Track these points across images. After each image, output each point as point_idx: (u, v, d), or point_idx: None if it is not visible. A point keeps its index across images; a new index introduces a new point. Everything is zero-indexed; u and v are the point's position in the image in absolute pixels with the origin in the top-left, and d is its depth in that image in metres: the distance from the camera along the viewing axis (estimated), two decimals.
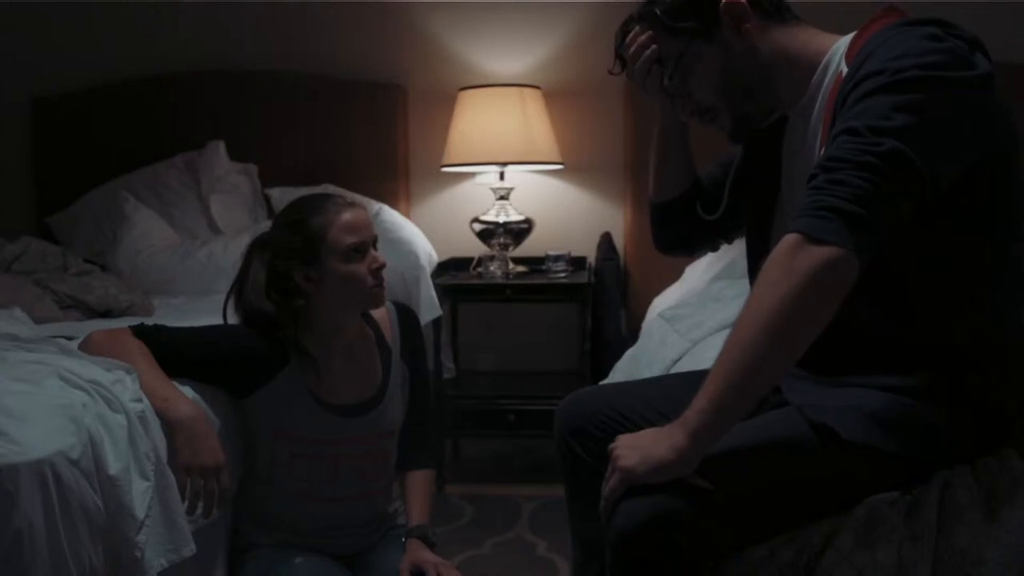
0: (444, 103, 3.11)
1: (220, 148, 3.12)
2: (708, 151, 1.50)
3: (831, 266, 0.96)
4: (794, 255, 0.97)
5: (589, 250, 3.12)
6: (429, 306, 2.78)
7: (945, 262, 1.09)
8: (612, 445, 1.08)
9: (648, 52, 1.29)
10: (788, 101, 1.26)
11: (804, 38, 1.24)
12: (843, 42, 1.19)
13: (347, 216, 1.56)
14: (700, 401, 1.01)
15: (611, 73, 1.39)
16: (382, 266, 1.59)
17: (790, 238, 0.99)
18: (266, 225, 1.70)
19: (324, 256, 1.54)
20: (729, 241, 1.55)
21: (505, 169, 2.99)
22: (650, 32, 1.28)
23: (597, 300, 2.93)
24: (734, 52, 1.23)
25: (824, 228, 0.96)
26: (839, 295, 0.97)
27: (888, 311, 1.10)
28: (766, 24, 1.23)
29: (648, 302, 2.76)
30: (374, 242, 1.60)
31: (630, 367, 2.14)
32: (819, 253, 0.96)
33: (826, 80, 1.19)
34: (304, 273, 1.55)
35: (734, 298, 2.12)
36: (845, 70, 1.12)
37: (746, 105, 1.27)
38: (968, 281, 1.10)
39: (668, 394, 1.41)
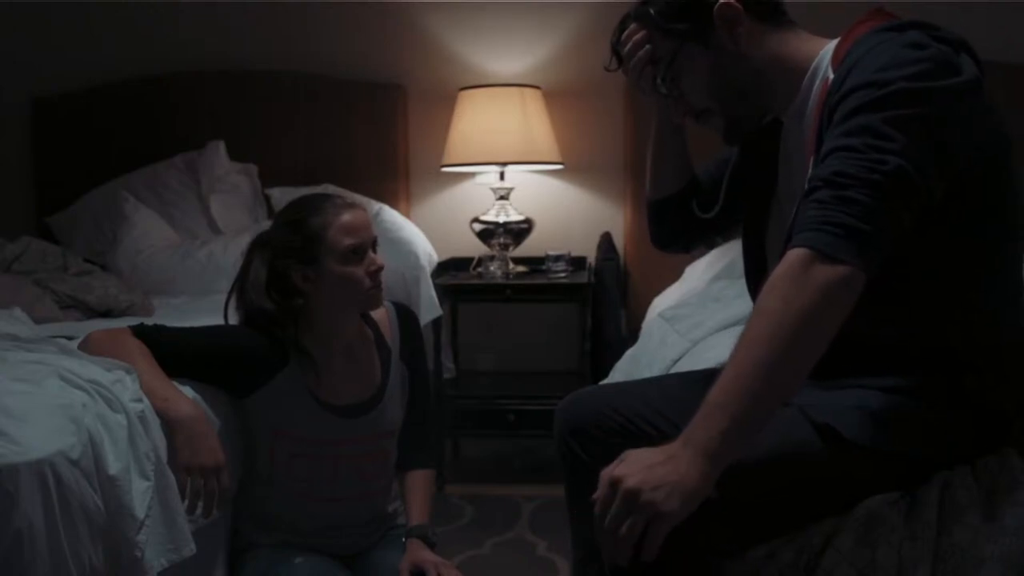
0: (444, 103, 3.10)
1: (220, 148, 3.12)
2: (706, 149, 1.51)
3: (845, 284, 0.96)
4: (807, 271, 0.96)
5: (589, 250, 3.12)
6: (429, 306, 2.78)
7: (939, 266, 1.09)
8: (616, 475, 0.96)
9: (642, 52, 1.29)
10: (781, 105, 1.26)
11: (796, 43, 1.24)
12: (831, 46, 1.20)
13: (346, 217, 1.56)
14: (720, 422, 0.95)
15: (607, 69, 1.39)
16: (380, 268, 1.58)
17: (800, 253, 0.97)
18: (266, 225, 1.70)
19: (322, 257, 1.54)
20: (725, 238, 1.55)
21: (505, 169, 2.99)
22: (644, 31, 1.28)
23: (597, 300, 2.93)
24: (726, 55, 1.23)
25: (837, 246, 0.96)
26: (848, 311, 0.98)
27: (884, 317, 1.10)
28: (760, 28, 1.23)
29: (648, 302, 2.76)
30: (373, 244, 1.60)
31: (630, 367, 2.14)
32: (834, 271, 0.96)
33: (815, 84, 1.19)
34: (302, 273, 1.55)
35: (734, 298, 2.12)
36: (831, 75, 1.12)
37: (739, 108, 1.27)
38: (962, 284, 1.10)
39: (668, 394, 1.41)
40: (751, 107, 1.27)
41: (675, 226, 1.52)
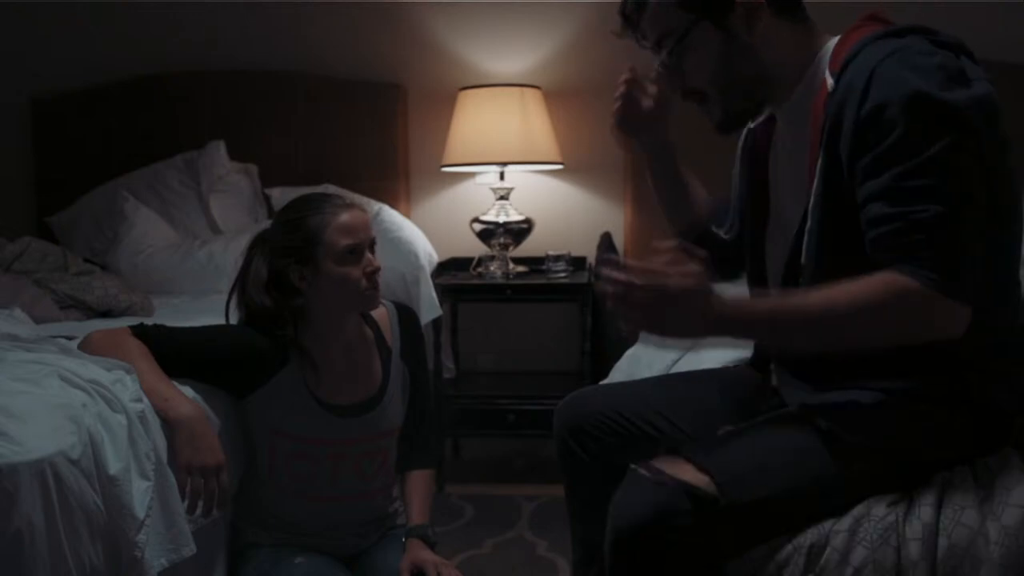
0: (444, 103, 3.10)
1: (220, 148, 3.11)
2: (705, 155, 1.51)
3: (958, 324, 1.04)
4: (925, 307, 1.02)
5: (589, 250, 3.11)
6: (429, 306, 2.77)
7: None
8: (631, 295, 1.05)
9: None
10: (779, 101, 1.25)
11: (808, 40, 1.22)
12: (830, 46, 1.19)
13: (344, 217, 1.55)
14: (741, 326, 1.09)
15: (614, 34, 1.33)
16: (377, 270, 1.58)
17: (919, 288, 1.01)
18: (266, 225, 1.70)
19: (319, 256, 1.54)
20: None
21: (505, 169, 2.99)
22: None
23: (597, 300, 2.92)
24: (738, 44, 1.20)
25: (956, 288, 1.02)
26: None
27: None
28: (776, 23, 1.20)
29: None
30: (371, 245, 1.60)
31: (630, 367, 2.14)
32: (958, 310, 1.03)
33: (813, 86, 1.18)
34: (299, 272, 1.55)
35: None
36: (829, 79, 1.11)
37: (738, 100, 1.25)
38: None
39: (668, 394, 1.41)
40: (750, 101, 1.26)
41: (711, 253, 1.50)
